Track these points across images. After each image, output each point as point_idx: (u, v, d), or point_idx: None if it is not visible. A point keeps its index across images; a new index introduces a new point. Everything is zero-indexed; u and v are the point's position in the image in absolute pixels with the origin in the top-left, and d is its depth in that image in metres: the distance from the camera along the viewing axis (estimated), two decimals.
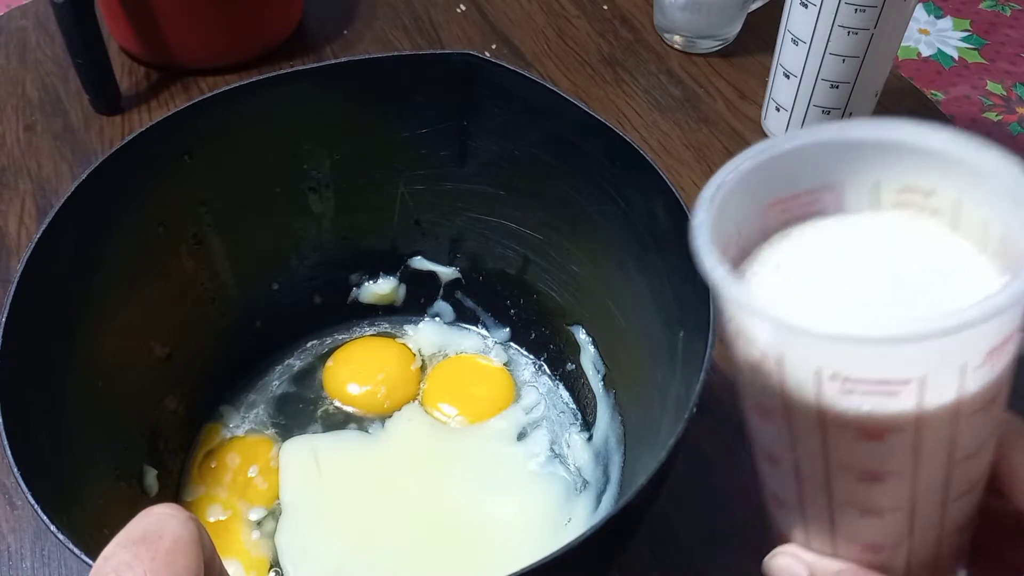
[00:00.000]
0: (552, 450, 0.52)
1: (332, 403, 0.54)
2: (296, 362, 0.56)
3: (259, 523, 0.49)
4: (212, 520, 0.49)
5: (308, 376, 0.56)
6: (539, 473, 0.51)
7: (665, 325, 0.43)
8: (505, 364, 0.56)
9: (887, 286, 0.26)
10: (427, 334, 0.57)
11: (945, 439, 0.26)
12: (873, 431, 0.26)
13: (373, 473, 0.51)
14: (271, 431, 0.53)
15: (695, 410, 0.36)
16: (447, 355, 0.57)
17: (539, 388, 0.55)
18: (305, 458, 0.51)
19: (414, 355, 0.56)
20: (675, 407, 0.38)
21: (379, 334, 0.58)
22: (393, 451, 0.52)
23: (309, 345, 0.57)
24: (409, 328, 0.58)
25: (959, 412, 0.25)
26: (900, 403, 0.25)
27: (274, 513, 0.50)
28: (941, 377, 0.25)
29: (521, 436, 0.53)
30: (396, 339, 0.58)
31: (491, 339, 0.57)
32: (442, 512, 0.49)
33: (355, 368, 0.55)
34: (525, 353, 0.57)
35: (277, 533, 0.49)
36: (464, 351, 0.57)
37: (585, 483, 0.50)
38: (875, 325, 0.22)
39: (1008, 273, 0.25)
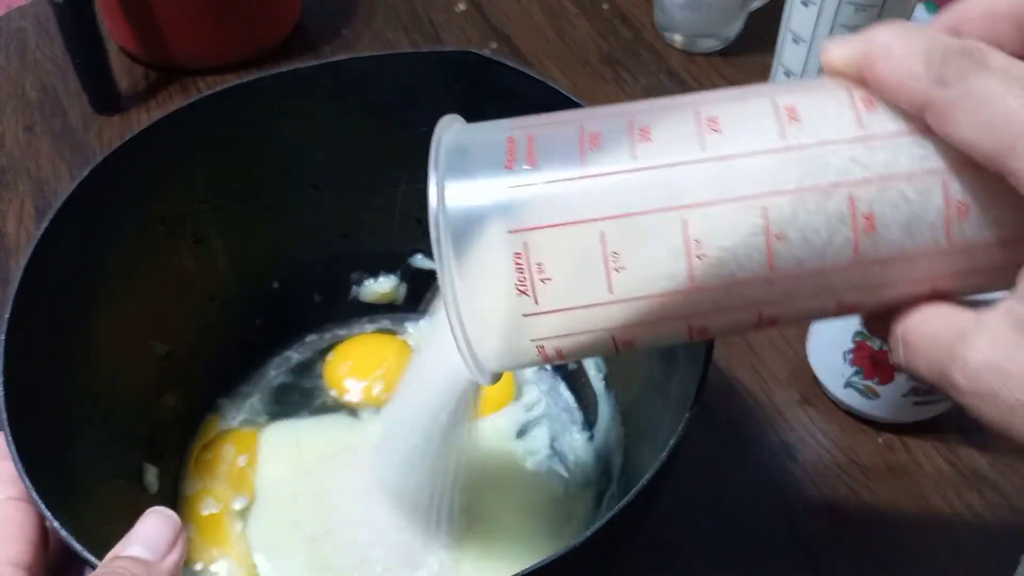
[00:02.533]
0: (553, 448, 0.52)
1: (330, 394, 0.54)
2: (295, 355, 0.56)
3: (242, 512, 0.49)
4: (205, 513, 0.49)
5: (307, 368, 0.56)
6: (539, 471, 0.51)
7: None
8: None
9: None
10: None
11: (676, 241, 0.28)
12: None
13: (359, 463, 0.50)
14: (264, 420, 0.53)
15: (695, 409, 0.36)
16: None
17: (540, 386, 0.55)
18: (286, 444, 0.51)
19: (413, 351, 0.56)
20: (676, 406, 0.38)
21: (379, 331, 0.58)
22: None
23: (308, 340, 0.57)
24: (410, 325, 0.58)
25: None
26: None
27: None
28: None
29: (521, 433, 0.52)
30: (397, 335, 0.57)
31: None
32: None
33: (354, 364, 0.55)
34: None
35: (248, 526, 0.48)
36: None
37: (586, 482, 0.50)
38: None
39: None
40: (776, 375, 0.56)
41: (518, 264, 0.28)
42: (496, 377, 0.33)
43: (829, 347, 0.52)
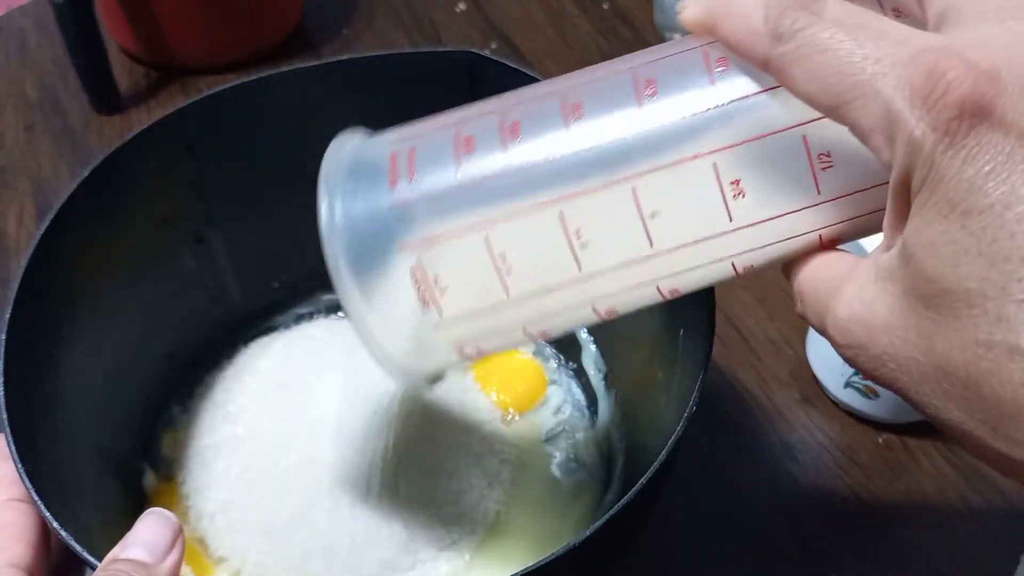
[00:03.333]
0: (570, 450, 0.51)
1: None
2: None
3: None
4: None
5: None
6: (554, 473, 0.50)
7: (665, 324, 0.43)
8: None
9: None
10: None
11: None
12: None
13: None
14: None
15: (695, 409, 0.36)
16: None
17: (561, 386, 0.53)
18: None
19: None
20: (676, 406, 0.38)
21: None
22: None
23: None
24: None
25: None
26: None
27: None
28: None
29: (549, 437, 0.51)
30: None
31: None
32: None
33: None
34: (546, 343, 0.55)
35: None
36: None
37: (588, 481, 0.50)
38: None
39: None
40: (776, 375, 0.56)
41: (415, 278, 0.29)
42: (433, 378, 0.33)
43: (829, 347, 0.52)
